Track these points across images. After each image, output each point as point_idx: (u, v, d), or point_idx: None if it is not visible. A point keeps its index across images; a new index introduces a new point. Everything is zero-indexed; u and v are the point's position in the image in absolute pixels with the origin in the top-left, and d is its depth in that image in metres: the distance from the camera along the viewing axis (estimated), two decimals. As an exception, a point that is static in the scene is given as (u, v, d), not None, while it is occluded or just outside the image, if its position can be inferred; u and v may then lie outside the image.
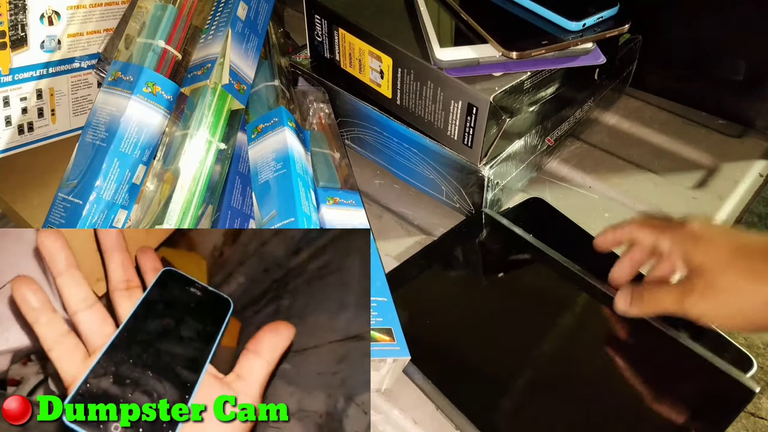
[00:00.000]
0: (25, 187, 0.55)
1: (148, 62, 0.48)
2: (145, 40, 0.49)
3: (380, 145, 0.58)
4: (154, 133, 0.48)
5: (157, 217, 0.44)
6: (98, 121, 0.47)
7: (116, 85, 0.47)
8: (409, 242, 0.55)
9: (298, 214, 0.45)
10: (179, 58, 0.50)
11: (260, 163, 0.50)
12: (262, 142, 0.51)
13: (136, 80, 0.47)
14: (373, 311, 0.44)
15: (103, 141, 0.46)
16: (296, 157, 0.49)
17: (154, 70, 0.48)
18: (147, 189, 0.46)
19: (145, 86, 0.47)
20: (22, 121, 0.52)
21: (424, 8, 0.52)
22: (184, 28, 0.51)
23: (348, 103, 0.58)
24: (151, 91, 0.47)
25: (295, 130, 0.52)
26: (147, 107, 0.47)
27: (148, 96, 0.47)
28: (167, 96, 0.48)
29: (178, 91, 0.49)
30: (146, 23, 0.50)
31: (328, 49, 0.58)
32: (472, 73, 0.48)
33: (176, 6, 0.50)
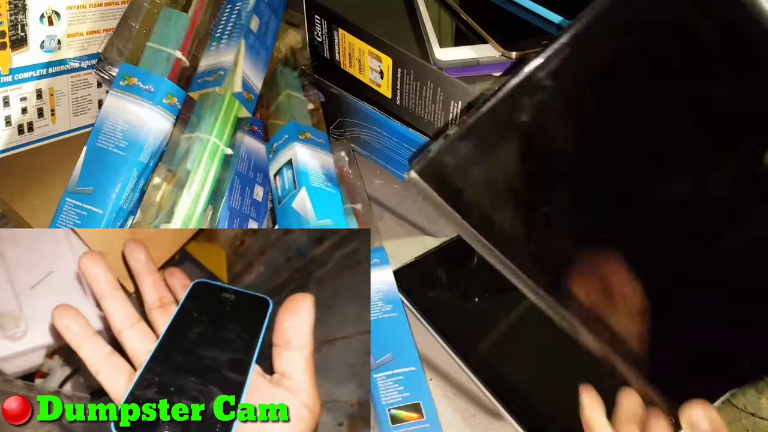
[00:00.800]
0: (25, 187, 0.55)
1: (161, 70, 0.48)
2: (159, 47, 0.49)
3: (380, 145, 0.58)
4: (165, 141, 0.48)
5: (164, 219, 0.45)
6: (114, 128, 0.46)
7: (132, 92, 0.47)
8: (409, 242, 0.55)
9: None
10: (186, 65, 0.50)
11: (280, 188, 0.51)
12: (277, 159, 0.52)
13: (157, 90, 0.47)
14: (399, 384, 0.43)
15: (123, 150, 0.46)
16: (311, 172, 0.49)
17: (168, 79, 0.48)
18: (152, 190, 0.46)
19: (165, 97, 0.47)
20: (22, 121, 0.52)
21: (424, 8, 0.52)
22: (194, 36, 0.51)
23: (348, 103, 0.58)
24: (170, 102, 0.48)
25: (308, 141, 0.52)
26: (164, 118, 0.48)
27: (167, 107, 0.48)
28: (180, 106, 0.49)
29: (185, 97, 0.49)
30: (158, 28, 0.50)
31: (328, 49, 0.58)
32: (472, 73, 0.48)
33: (189, 14, 0.50)
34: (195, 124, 0.48)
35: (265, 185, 0.55)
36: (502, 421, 0.43)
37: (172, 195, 0.46)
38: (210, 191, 0.47)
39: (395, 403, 0.43)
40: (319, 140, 0.53)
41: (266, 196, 0.55)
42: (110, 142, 0.46)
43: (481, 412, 0.44)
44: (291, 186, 0.49)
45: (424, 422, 0.41)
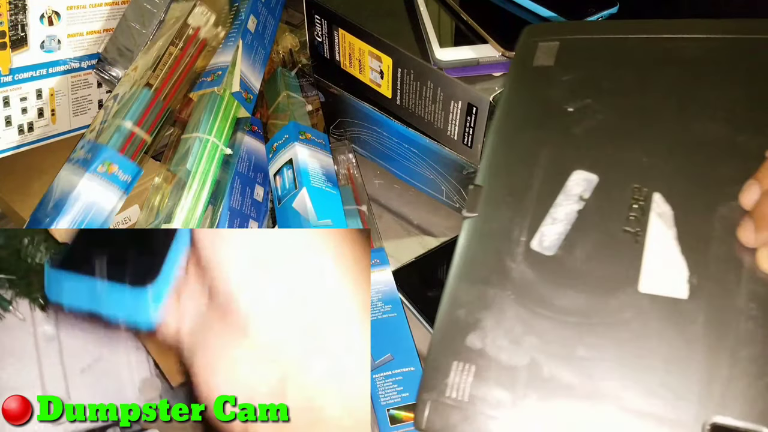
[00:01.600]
0: (25, 187, 0.55)
1: (112, 141, 0.46)
2: (114, 119, 0.47)
3: (380, 145, 0.58)
4: (103, 213, 0.46)
5: (164, 220, 0.45)
6: (50, 198, 0.45)
7: (75, 162, 0.45)
8: (409, 242, 0.55)
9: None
10: (148, 142, 0.48)
11: (280, 188, 0.51)
12: (277, 159, 0.52)
13: (94, 158, 0.45)
14: (398, 384, 0.44)
15: (51, 219, 0.44)
16: (311, 172, 0.49)
17: (118, 151, 0.46)
18: (152, 190, 0.46)
19: (101, 164, 0.45)
20: (22, 121, 0.52)
21: (424, 8, 0.52)
22: (158, 113, 0.49)
23: (348, 103, 0.58)
24: (107, 170, 0.45)
25: (308, 141, 0.52)
26: (100, 186, 0.45)
27: (103, 175, 0.45)
28: (124, 177, 0.46)
29: (139, 174, 0.47)
30: (120, 103, 0.48)
31: (328, 50, 0.58)
32: (472, 73, 0.48)
33: (152, 90, 0.48)
34: (194, 125, 0.48)
35: (266, 185, 0.55)
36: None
37: (172, 195, 0.46)
38: (210, 191, 0.47)
39: (394, 404, 0.43)
40: (319, 140, 0.53)
41: (266, 196, 0.55)
42: (43, 212, 0.44)
43: (481, 412, 0.44)
44: (291, 186, 0.49)
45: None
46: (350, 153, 0.59)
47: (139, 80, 0.48)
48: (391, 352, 0.45)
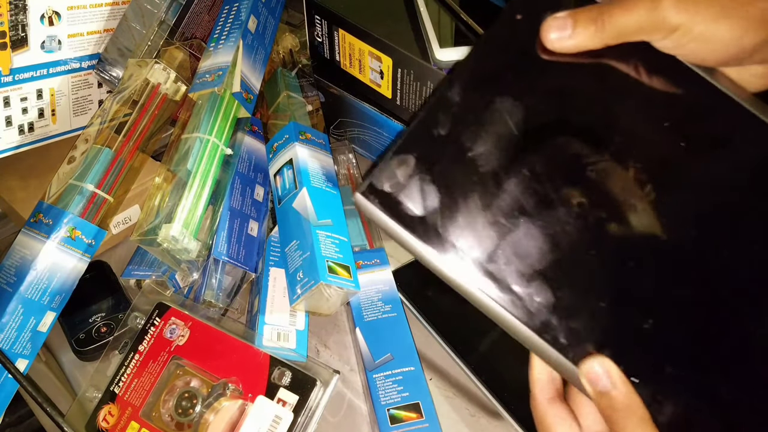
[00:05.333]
0: (25, 187, 0.55)
1: (73, 205, 0.46)
2: (75, 182, 0.47)
3: (380, 145, 0.58)
4: (67, 278, 0.46)
5: (164, 220, 0.45)
6: (10, 264, 0.45)
7: (35, 227, 0.45)
8: (409, 242, 0.55)
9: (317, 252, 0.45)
10: (111, 202, 0.48)
11: (280, 188, 0.51)
12: (277, 159, 0.52)
13: (55, 224, 0.45)
14: (398, 384, 0.43)
15: (10, 285, 0.44)
16: (311, 172, 0.50)
17: (79, 215, 0.46)
18: (152, 191, 0.46)
19: (64, 230, 0.45)
20: (23, 121, 0.52)
21: (423, 8, 0.52)
22: (119, 173, 0.49)
23: (348, 104, 0.58)
24: (70, 235, 0.45)
25: (308, 141, 0.52)
26: (63, 252, 0.45)
27: (66, 240, 0.45)
28: (88, 240, 0.46)
29: (103, 235, 0.47)
30: (79, 165, 0.48)
31: (328, 50, 0.58)
32: (471, 74, 0.47)
33: (113, 150, 0.48)
34: (194, 125, 0.48)
35: (266, 185, 0.55)
36: (502, 421, 0.43)
37: (173, 195, 0.46)
38: (210, 191, 0.47)
39: (394, 403, 0.43)
40: (320, 141, 0.53)
41: (267, 196, 0.55)
42: (3, 279, 0.44)
43: (481, 412, 0.44)
44: (291, 186, 0.49)
45: (423, 422, 0.41)
46: (350, 153, 0.59)
47: (98, 140, 0.48)
48: (391, 351, 0.45)
